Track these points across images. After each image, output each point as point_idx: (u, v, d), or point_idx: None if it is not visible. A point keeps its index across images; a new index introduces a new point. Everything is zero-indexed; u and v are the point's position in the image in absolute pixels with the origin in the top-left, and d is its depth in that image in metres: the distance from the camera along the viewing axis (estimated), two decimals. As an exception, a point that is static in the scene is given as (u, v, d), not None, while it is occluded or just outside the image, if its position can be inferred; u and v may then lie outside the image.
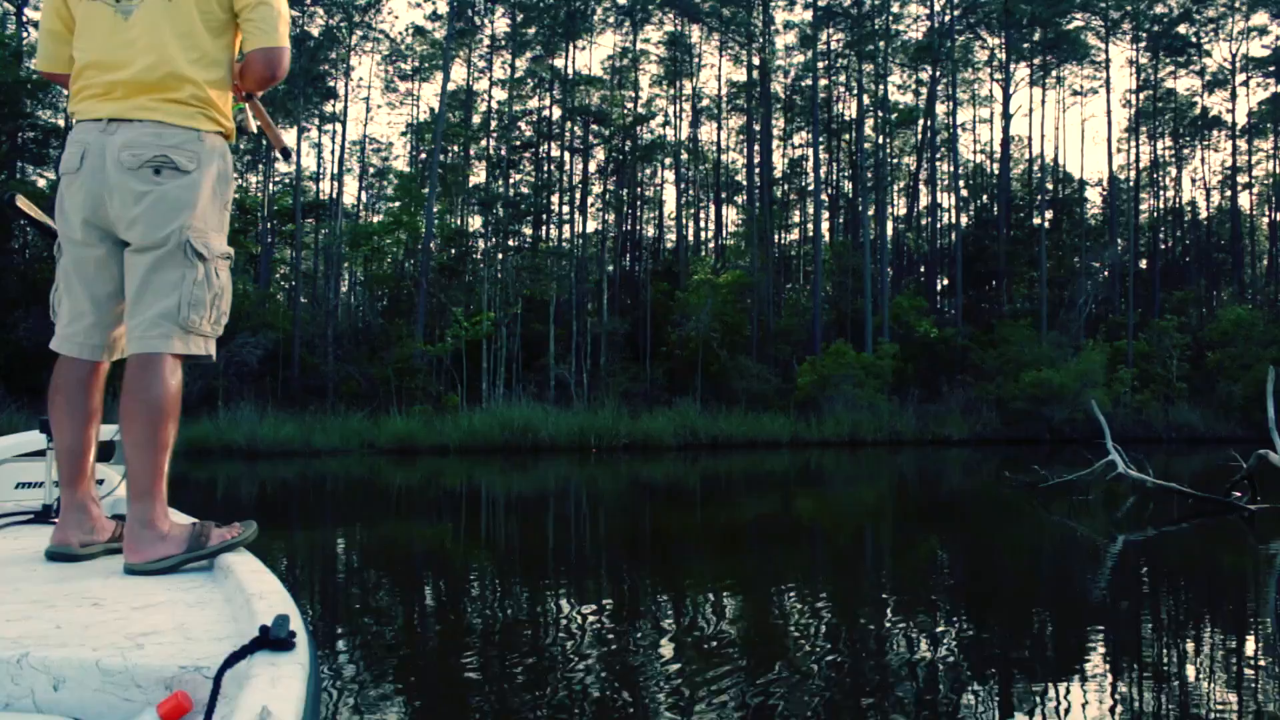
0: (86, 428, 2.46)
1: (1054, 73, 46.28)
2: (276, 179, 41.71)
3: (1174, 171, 50.94)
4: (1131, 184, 47.20)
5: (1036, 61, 45.08)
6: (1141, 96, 46.07)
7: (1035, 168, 48.15)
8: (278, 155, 2.80)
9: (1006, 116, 43.78)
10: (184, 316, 2.34)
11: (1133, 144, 47.17)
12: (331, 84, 39.84)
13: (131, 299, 2.37)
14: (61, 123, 33.47)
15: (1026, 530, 11.16)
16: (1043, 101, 49.90)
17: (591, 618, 5.96)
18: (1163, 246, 51.47)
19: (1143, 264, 47.15)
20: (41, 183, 28.75)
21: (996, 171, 47.40)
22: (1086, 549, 9.27)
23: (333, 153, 45.79)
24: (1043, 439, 31.69)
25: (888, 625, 5.75)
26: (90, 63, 2.43)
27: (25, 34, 33.61)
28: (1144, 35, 44.47)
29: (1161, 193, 51.07)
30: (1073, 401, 31.63)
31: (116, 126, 2.36)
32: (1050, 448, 30.29)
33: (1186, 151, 50.39)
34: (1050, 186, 45.21)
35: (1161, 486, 12.52)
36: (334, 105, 40.91)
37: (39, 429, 2.91)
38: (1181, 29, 44.08)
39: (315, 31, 37.90)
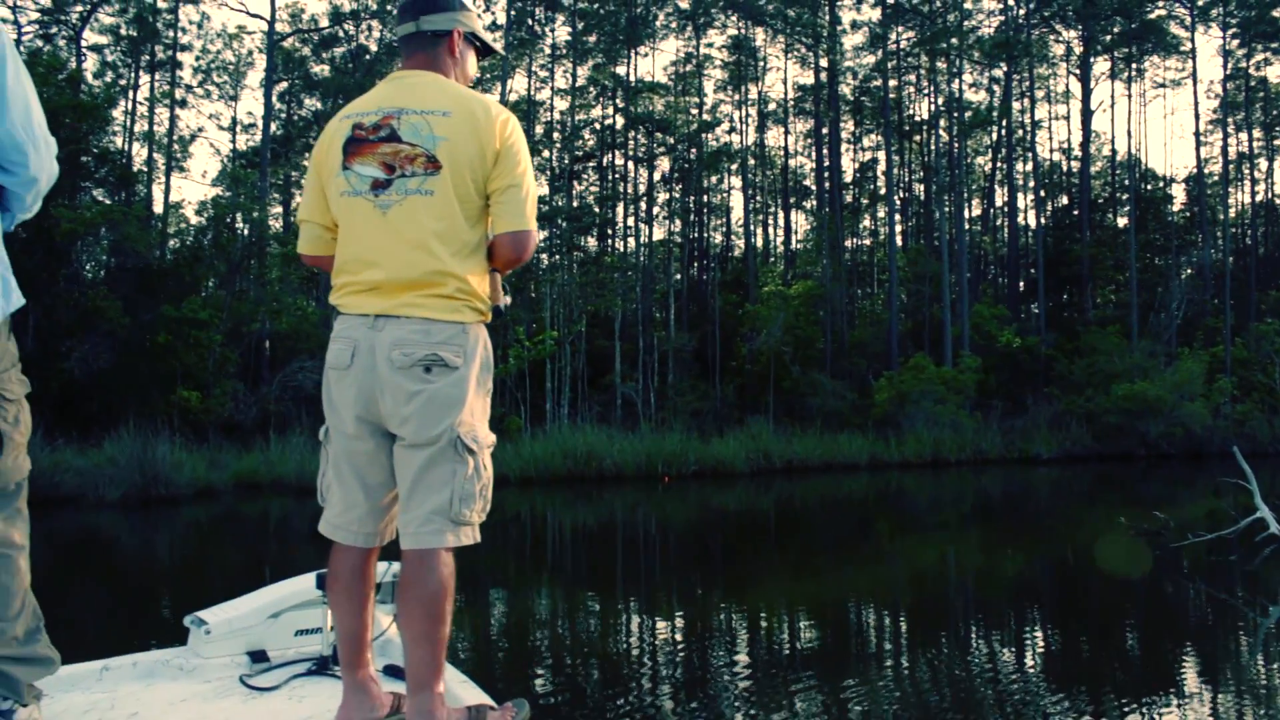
0: (363, 612, 2.54)
1: (1135, 65, 44.29)
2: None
3: (1264, 164, 48.64)
4: (1219, 179, 45.04)
5: (1118, 54, 43.15)
6: (1229, 86, 43.85)
7: (1115, 165, 46.20)
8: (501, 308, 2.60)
9: (1087, 112, 41.97)
10: (456, 511, 2.39)
11: (1219, 136, 44.97)
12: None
13: (405, 494, 2.43)
14: (116, 143, 33.30)
15: (1181, 616, 9.59)
16: (1127, 95, 47.67)
17: (680, 642, 5.95)
18: (1250, 243, 49.19)
19: (1231, 262, 44.92)
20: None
21: (1075, 170, 45.57)
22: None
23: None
24: (1137, 455, 30.04)
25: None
26: (352, 258, 2.47)
27: (83, 58, 33.53)
28: (1232, 22, 42.29)
29: (1252, 187, 48.81)
30: (1169, 415, 29.93)
31: (384, 323, 2.40)
32: (1146, 464, 28.74)
33: (1278, 143, 47.99)
34: (1130, 184, 43.17)
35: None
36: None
37: (316, 583, 3.07)
38: (1278, 12, 41.74)
39: (373, 46, 37.39)
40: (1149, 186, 46.54)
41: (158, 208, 34.64)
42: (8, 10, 31.46)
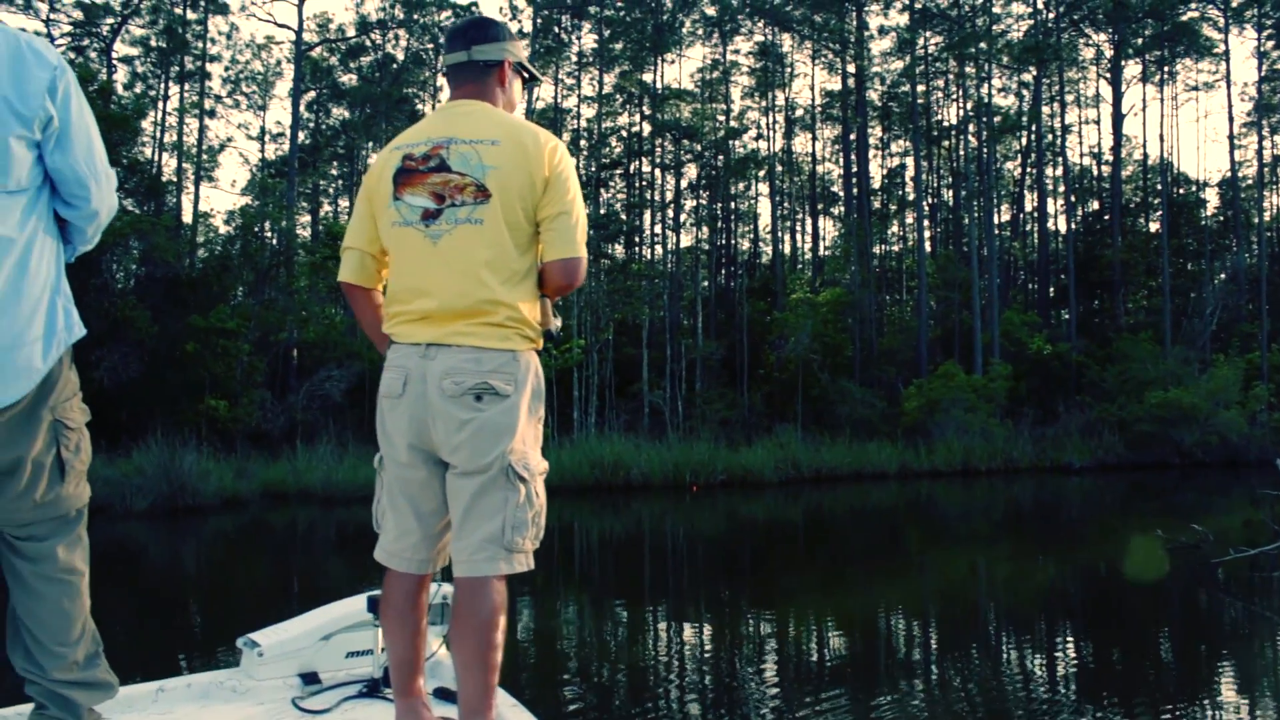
0: (416, 638, 2.57)
1: (1166, 68, 43.78)
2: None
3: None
4: (1254, 182, 44.45)
5: (1150, 57, 42.66)
6: (1264, 89, 43.26)
7: (1147, 169, 45.68)
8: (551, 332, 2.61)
9: (1118, 116, 41.53)
10: (508, 539, 2.40)
11: (1254, 139, 44.39)
12: (419, 106, 39.44)
13: (457, 522, 2.44)
14: (145, 154, 33.52)
15: (1219, 632, 9.31)
16: (1160, 99, 47.11)
17: (708, 653, 5.72)
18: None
19: (1266, 266, 44.23)
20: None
21: (1106, 174, 45.10)
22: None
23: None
24: (1172, 463, 29.61)
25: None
26: (404, 287, 2.49)
27: (114, 70, 33.77)
28: (1267, 23, 41.72)
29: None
30: (1204, 423, 29.50)
31: (436, 352, 2.42)
32: (1181, 473, 28.32)
33: (1314, 146, 47.30)
34: (1162, 188, 42.64)
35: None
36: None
37: (367, 605, 3.10)
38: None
39: (400, 55, 37.48)
40: (1181, 190, 45.96)
41: (186, 217, 34.87)
42: (41, 24, 31.75)
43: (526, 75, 2.73)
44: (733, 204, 43.49)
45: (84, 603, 2.40)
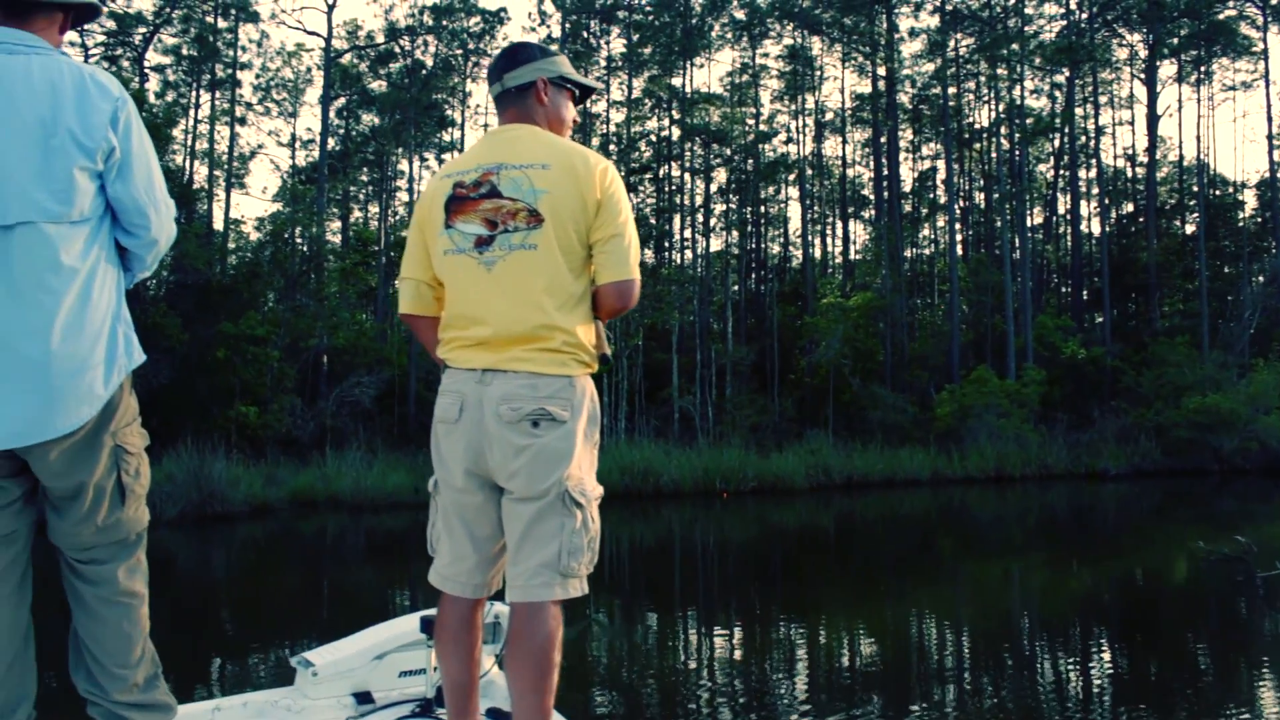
0: (471, 662, 2.57)
1: (1203, 67, 43.18)
2: (394, 210, 41.60)
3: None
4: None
5: (1186, 56, 42.11)
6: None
7: (1183, 170, 45.07)
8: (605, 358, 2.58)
9: (1153, 117, 41.01)
10: (564, 564, 2.40)
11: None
12: (448, 112, 39.50)
13: (513, 547, 2.44)
14: (176, 161, 33.72)
15: (1266, 650, 9.06)
16: (1196, 99, 46.60)
17: (739, 660, 5.78)
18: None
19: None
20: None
21: (1141, 176, 44.54)
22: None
23: (449, 180, 45.47)
24: (1210, 470, 29.13)
25: None
26: (459, 314, 2.51)
27: (146, 78, 34.02)
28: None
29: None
30: (1244, 429, 29.01)
31: (492, 377, 2.43)
32: (1220, 479, 27.87)
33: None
34: (1198, 189, 42.05)
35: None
36: (451, 133, 40.58)
37: (420, 626, 3.13)
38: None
39: (429, 61, 37.54)
40: (1218, 192, 45.31)
41: (217, 224, 35.06)
42: (75, 33, 32.01)
43: (571, 87, 2.71)
44: (763, 208, 43.30)
45: (144, 625, 2.48)
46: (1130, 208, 46.76)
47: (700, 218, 40.35)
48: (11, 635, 2.31)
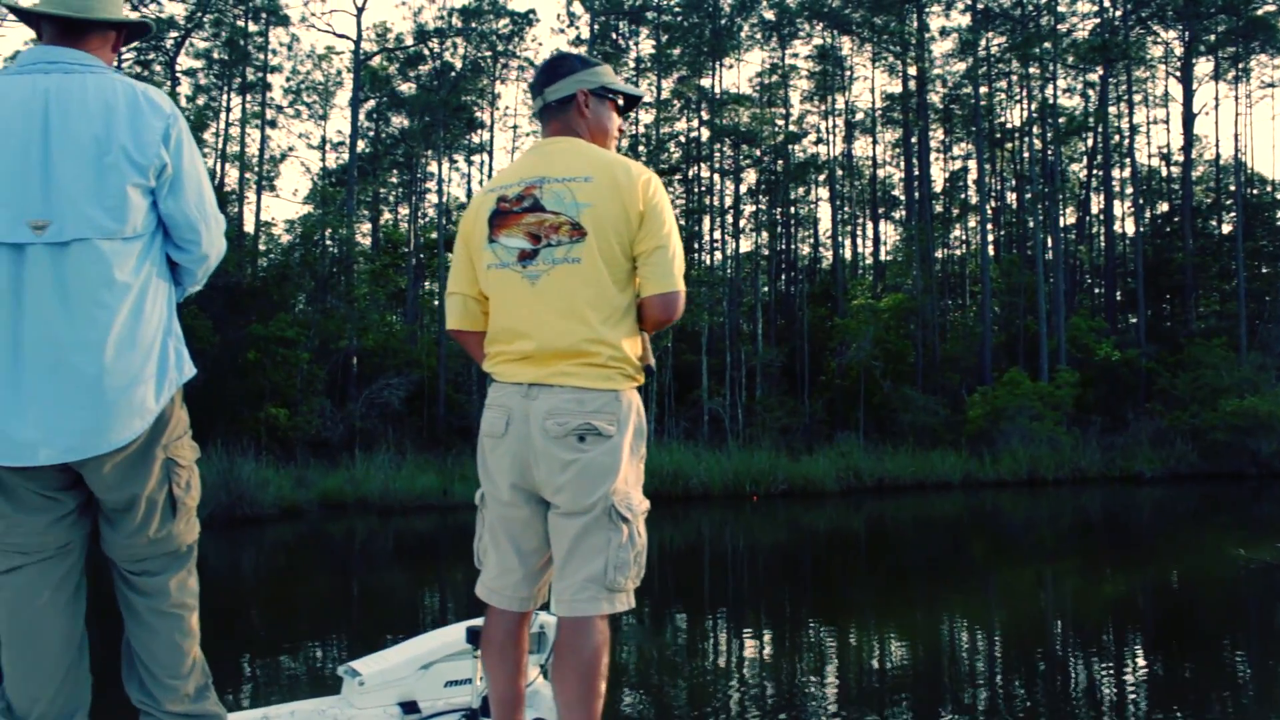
0: (517, 675, 2.57)
1: (1240, 65, 42.65)
2: (424, 212, 41.74)
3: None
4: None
5: (1223, 54, 41.59)
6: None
7: (1219, 169, 44.53)
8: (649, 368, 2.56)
9: (1189, 115, 40.53)
10: (610, 579, 2.39)
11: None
12: (477, 114, 39.56)
13: (559, 561, 2.44)
14: (207, 164, 33.94)
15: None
16: (1233, 96, 46.06)
17: (769, 664, 5.72)
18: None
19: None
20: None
21: (1176, 175, 44.05)
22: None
23: (480, 183, 45.60)
24: (1248, 474, 28.74)
25: None
26: (504, 329, 2.50)
27: (178, 82, 34.26)
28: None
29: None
30: (1283, 432, 28.61)
31: (538, 392, 2.41)
32: (1258, 483, 27.51)
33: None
34: (1236, 188, 41.51)
35: None
36: (480, 135, 40.65)
37: (465, 636, 3.14)
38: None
39: (458, 63, 37.62)
40: (1255, 191, 44.74)
41: (248, 227, 35.29)
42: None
43: (615, 97, 2.68)
44: (792, 209, 43.13)
45: (195, 636, 2.51)
46: (1165, 207, 46.25)
47: (730, 219, 40.29)
48: (66, 646, 2.36)
